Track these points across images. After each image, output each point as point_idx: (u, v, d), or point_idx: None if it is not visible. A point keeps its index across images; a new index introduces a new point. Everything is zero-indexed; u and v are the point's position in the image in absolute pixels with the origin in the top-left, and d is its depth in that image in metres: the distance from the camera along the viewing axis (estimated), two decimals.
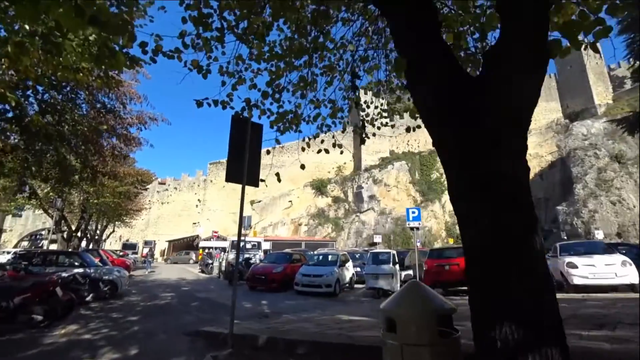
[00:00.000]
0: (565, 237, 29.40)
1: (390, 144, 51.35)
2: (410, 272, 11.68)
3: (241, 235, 5.32)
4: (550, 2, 2.05)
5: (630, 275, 7.86)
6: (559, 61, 46.71)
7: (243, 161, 5.49)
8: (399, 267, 10.61)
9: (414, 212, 13.15)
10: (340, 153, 5.86)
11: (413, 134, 51.56)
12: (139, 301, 9.33)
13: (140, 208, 25.51)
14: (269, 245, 28.20)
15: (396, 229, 42.90)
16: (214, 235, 28.40)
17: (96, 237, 24.40)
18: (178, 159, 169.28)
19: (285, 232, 44.08)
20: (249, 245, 17.23)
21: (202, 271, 20.08)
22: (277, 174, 5.12)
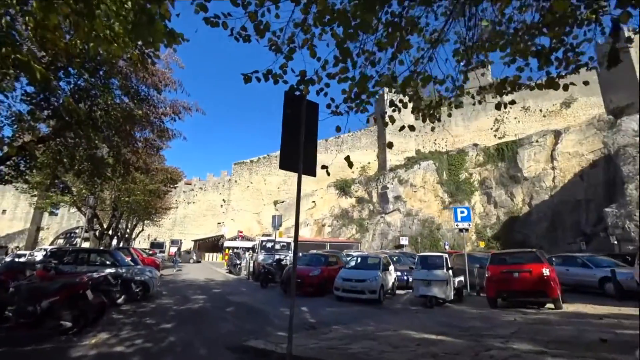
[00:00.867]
0: (615, 242, 26.89)
1: (416, 143, 49.57)
2: (461, 279, 10.49)
3: (297, 234, 4.48)
4: None
5: None
6: (601, 53, 43.41)
7: (298, 146, 4.67)
8: (452, 273, 9.47)
9: (462, 212, 12.00)
10: (391, 145, 4.90)
11: (440, 132, 49.64)
12: (171, 304, 8.75)
13: (169, 207, 25.50)
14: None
15: (423, 230, 41.19)
16: (239, 235, 28.05)
17: (126, 236, 24.58)
18: (204, 159, 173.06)
19: (309, 233, 43.35)
20: (278, 246, 16.51)
21: (230, 272, 19.61)
22: (347, 158, 4.27)
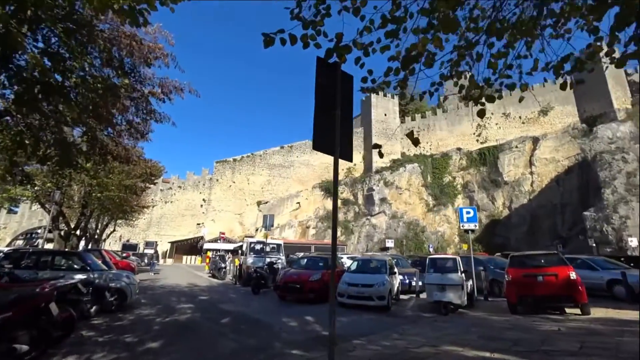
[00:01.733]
0: (594, 245, 27.71)
1: (402, 146, 49.72)
2: (470, 282, 9.88)
3: (336, 223, 3.53)
4: None
5: None
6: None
7: (334, 123, 3.76)
8: (465, 277, 8.82)
9: (468, 213, 11.45)
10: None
11: (425, 135, 50.09)
12: (153, 315, 7.50)
13: (146, 205, 23.57)
14: None
15: (408, 233, 41.13)
16: (221, 236, 26.50)
17: (95, 237, 22.47)
18: (183, 157, 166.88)
19: (293, 235, 42.18)
20: (268, 248, 15.37)
21: (213, 276, 18.22)
22: (377, 146, 3.44)
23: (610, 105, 40.26)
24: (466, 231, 11.61)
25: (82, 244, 19.59)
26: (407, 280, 12.03)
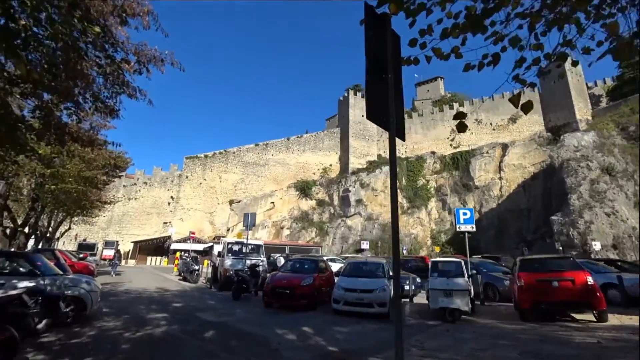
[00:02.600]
0: (560, 248, 29.05)
1: (378, 148, 49.98)
2: (471, 287, 9.44)
3: (396, 212, 2.71)
4: None
5: None
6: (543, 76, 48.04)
7: (387, 90, 2.95)
8: (471, 281, 8.34)
9: (465, 214, 11.09)
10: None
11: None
12: (120, 329, 6.24)
13: (108, 201, 21.25)
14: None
15: (384, 235, 41.22)
16: (191, 236, 24.70)
17: (47, 235, 19.91)
18: (150, 152, 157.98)
19: (266, 235, 40.78)
20: (246, 249, 14.18)
21: (184, 279, 16.67)
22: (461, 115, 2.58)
23: (573, 115, 42.90)
24: (462, 233, 11.25)
25: (32, 243, 17.21)
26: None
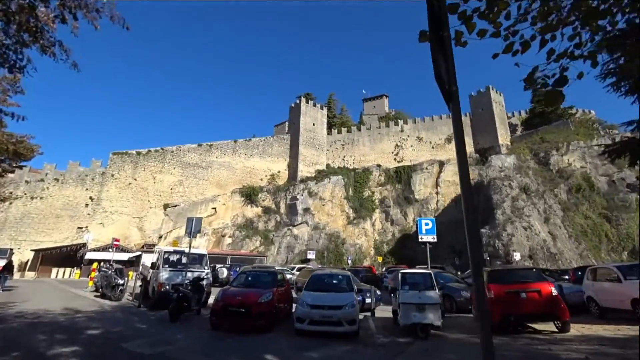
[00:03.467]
0: (487, 258, 31.77)
1: (327, 157, 50.14)
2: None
3: (475, 234, 1.85)
4: None
5: None
6: (473, 103, 53.75)
7: (446, 50, 2.14)
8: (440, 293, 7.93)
9: (427, 224, 10.92)
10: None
11: (349, 149, 51.71)
12: None
13: (4, 197, 16.82)
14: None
15: (330, 245, 40.91)
16: (114, 244, 21.12)
17: None
18: (68, 143, 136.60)
19: (205, 244, 37.45)
20: (186, 259, 12.18)
21: (103, 295, 13.77)
22: None
23: (496, 140, 48.33)
24: (423, 244, 11.04)
25: None
26: (360, 297, 10.73)
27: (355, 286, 8.62)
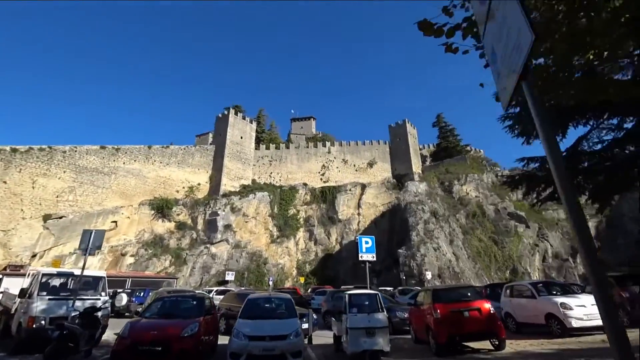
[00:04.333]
0: (403, 278, 33.81)
1: (253, 172, 48.21)
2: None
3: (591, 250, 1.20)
4: None
5: None
6: (392, 133, 59.00)
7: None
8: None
9: (367, 242, 10.67)
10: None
11: (277, 166, 50.79)
12: None
13: None
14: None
15: (251, 265, 38.44)
16: None
17: None
18: None
19: (98, 265, 31.20)
20: (74, 284, 9.42)
21: None
22: None
23: (410, 168, 53.44)
24: (363, 263, 10.70)
25: None
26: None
27: (297, 311, 7.63)
